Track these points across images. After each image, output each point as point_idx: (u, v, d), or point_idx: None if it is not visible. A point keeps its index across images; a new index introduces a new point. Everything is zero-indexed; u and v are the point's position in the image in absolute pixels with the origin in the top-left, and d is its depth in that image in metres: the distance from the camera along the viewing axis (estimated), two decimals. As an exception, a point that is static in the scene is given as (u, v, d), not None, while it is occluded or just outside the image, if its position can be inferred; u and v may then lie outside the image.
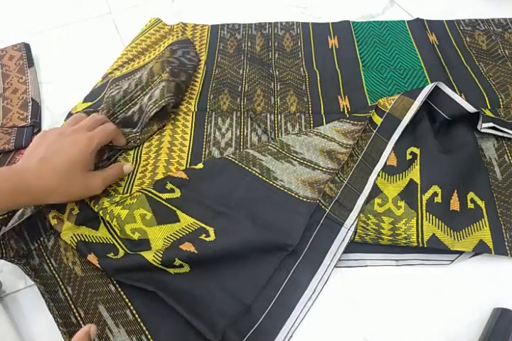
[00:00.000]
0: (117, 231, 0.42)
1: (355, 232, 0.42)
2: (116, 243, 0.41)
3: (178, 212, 0.42)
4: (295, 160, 0.46)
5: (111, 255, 0.40)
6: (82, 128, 0.42)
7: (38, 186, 0.36)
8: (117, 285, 0.40)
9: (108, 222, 0.43)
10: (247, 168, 0.45)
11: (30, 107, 0.55)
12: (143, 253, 0.38)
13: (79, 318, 0.38)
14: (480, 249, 0.41)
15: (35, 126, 0.54)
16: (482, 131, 0.48)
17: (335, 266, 0.40)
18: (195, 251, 0.38)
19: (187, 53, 0.58)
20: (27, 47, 0.64)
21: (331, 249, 0.41)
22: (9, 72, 0.60)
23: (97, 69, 0.62)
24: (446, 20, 0.68)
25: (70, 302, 0.39)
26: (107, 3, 0.74)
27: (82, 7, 0.74)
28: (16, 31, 0.69)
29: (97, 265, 0.39)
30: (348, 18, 0.69)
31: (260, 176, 0.45)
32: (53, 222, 0.42)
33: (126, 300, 0.39)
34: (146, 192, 0.43)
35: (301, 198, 0.43)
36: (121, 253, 0.40)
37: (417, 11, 0.70)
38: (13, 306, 0.40)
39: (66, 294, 0.39)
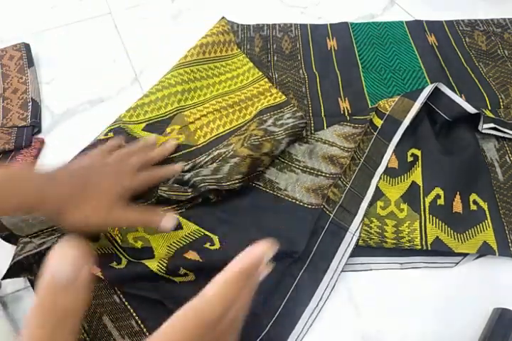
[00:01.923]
0: (118, 241, 0.41)
1: (359, 237, 0.42)
2: (118, 252, 0.41)
3: (181, 219, 0.42)
4: (298, 168, 0.46)
5: (114, 264, 0.39)
6: (129, 166, 0.40)
7: (49, 193, 0.34)
8: (121, 296, 0.39)
9: (109, 232, 0.42)
10: (250, 182, 0.45)
11: (30, 107, 0.55)
12: (147, 263, 0.38)
13: (83, 331, 0.37)
14: (484, 251, 0.41)
15: (35, 126, 0.54)
16: (483, 131, 0.48)
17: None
18: (200, 260, 0.38)
19: (279, 119, 0.51)
20: (27, 47, 0.63)
21: (337, 255, 0.41)
22: (9, 72, 0.60)
23: (97, 69, 0.62)
24: (445, 21, 0.68)
25: None
26: (107, 3, 0.74)
27: (82, 7, 0.73)
28: (16, 31, 0.69)
29: (101, 276, 0.38)
30: (349, 18, 0.69)
31: (264, 189, 0.45)
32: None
33: (131, 310, 0.38)
34: None
35: (305, 205, 0.43)
36: (124, 262, 0.39)
37: (416, 11, 0.70)
38: (13, 306, 0.40)
39: None
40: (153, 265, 0.38)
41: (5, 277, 0.38)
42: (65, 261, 0.23)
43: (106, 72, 0.62)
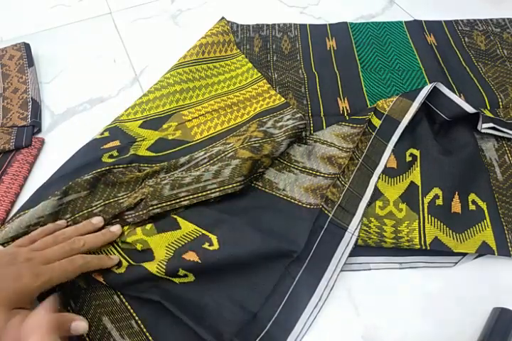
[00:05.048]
0: (119, 243, 0.41)
1: (358, 236, 0.42)
2: (118, 254, 0.40)
3: (179, 219, 0.42)
4: (296, 169, 0.47)
5: (114, 268, 0.39)
6: (42, 257, 0.35)
7: None
8: (122, 296, 0.39)
9: None
10: (249, 182, 0.45)
11: (30, 107, 0.55)
12: (146, 266, 0.38)
13: None
14: (483, 251, 0.41)
15: (36, 126, 0.54)
16: (482, 131, 0.48)
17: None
18: (199, 261, 0.37)
19: (278, 121, 0.51)
20: (27, 46, 0.64)
21: (336, 254, 0.41)
22: (9, 72, 0.60)
23: (97, 69, 0.63)
24: (444, 21, 0.68)
25: None
26: (107, 3, 0.74)
27: (82, 7, 0.74)
28: (16, 31, 0.69)
29: (103, 282, 0.38)
30: (348, 18, 0.69)
31: (263, 189, 0.45)
32: None
33: (131, 310, 0.38)
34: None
35: (304, 205, 0.43)
36: (125, 264, 0.39)
37: (416, 11, 0.71)
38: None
39: (68, 307, 0.38)
40: (152, 267, 0.37)
41: None
42: None
43: (106, 72, 0.62)
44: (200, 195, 0.42)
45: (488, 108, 0.54)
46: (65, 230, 0.39)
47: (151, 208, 0.41)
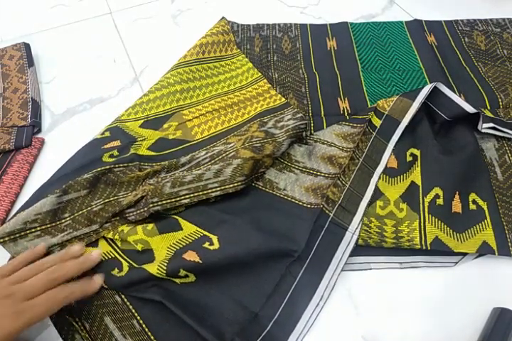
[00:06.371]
0: (119, 244, 0.41)
1: (358, 236, 0.42)
2: (118, 256, 0.40)
3: (181, 220, 0.42)
4: (297, 169, 0.47)
5: (115, 272, 0.39)
6: (22, 291, 0.33)
7: None
8: (123, 296, 0.39)
9: (109, 238, 0.42)
10: (250, 182, 0.45)
11: (30, 107, 0.55)
12: (147, 268, 0.38)
13: (84, 331, 0.37)
14: (483, 250, 0.41)
15: (36, 126, 0.54)
16: (482, 131, 0.48)
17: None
18: (200, 261, 0.37)
19: (279, 121, 0.51)
20: (27, 47, 0.64)
21: (337, 254, 0.41)
22: (9, 72, 0.60)
23: (97, 69, 0.63)
24: (444, 21, 0.68)
25: (74, 315, 0.38)
26: (107, 3, 0.74)
27: (82, 7, 0.74)
28: (16, 31, 0.69)
29: (104, 285, 0.38)
30: (348, 18, 0.69)
31: (264, 188, 0.45)
32: None
33: (133, 310, 0.38)
34: None
35: (305, 205, 0.43)
36: (126, 267, 0.39)
37: (416, 11, 0.71)
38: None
39: (68, 306, 0.38)
40: (153, 268, 0.38)
41: None
42: None
43: (106, 72, 0.62)
44: (200, 193, 0.42)
45: (488, 108, 0.54)
46: (46, 260, 0.37)
47: (151, 205, 0.41)
